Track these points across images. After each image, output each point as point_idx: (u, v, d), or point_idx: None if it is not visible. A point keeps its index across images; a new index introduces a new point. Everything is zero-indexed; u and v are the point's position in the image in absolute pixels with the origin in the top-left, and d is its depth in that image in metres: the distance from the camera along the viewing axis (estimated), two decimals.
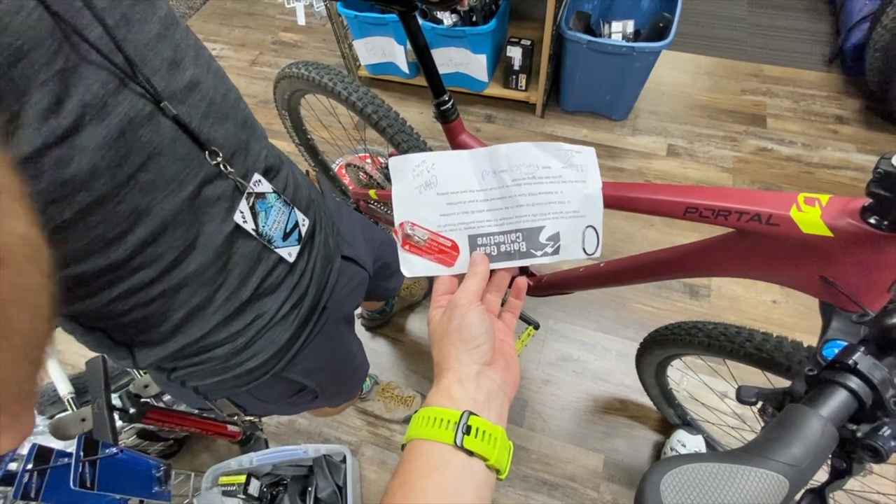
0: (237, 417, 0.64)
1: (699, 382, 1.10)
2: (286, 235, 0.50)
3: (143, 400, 0.90)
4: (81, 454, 0.69)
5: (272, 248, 0.49)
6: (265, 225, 0.47)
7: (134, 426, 1.03)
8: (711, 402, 1.11)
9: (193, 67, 0.40)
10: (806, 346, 0.60)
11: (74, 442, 0.71)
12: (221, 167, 0.42)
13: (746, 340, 0.65)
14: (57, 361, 0.88)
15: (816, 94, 1.77)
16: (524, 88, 1.75)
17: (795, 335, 0.62)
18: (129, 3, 0.35)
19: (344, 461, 1.10)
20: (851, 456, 0.31)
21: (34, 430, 1.02)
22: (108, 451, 0.73)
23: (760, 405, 0.39)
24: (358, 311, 1.35)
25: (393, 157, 0.43)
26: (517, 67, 1.68)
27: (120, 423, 0.85)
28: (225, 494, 1.04)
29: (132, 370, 1.01)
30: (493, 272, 0.43)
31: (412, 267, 0.43)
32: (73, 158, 0.32)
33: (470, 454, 0.32)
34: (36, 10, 0.28)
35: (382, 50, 1.79)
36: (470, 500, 0.31)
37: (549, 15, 1.44)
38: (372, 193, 1.14)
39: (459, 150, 0.43)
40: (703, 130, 1.73)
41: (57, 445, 0.73)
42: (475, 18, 1.60)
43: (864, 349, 0.32)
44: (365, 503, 1.16)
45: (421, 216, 0.42)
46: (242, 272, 0.47)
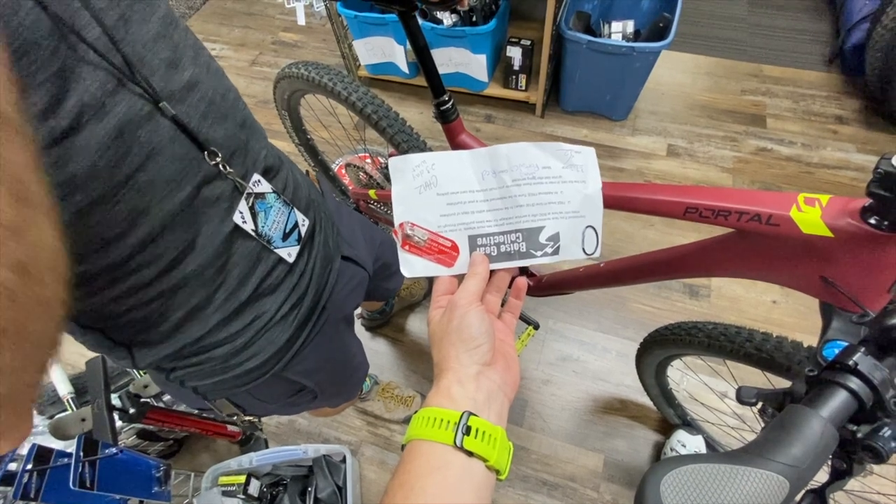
0: (236, 417, 0.64)
1: (699, 382, 1.10)
2: (286, 236, 0.50)
3: (142, 400, 0.90)
4: (81, 454, 0.69)
5: (272, 248, 0.49)
6: (264, 225, 0.47)
7: (134, 426, 1.03)
8: (711, 402, 1.11)
9: (192, 67, 0.40)
10: (806, 346, 0.60)
11: (74, 442, 0.71)
12: (220, 167, 0.42)
13: (746, 341, 0.65)
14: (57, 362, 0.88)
15: (816, 94, 1.77)
16: (524, 88, 1.75)
17: (795, 335, 0.62)
18: (127, 2, 0.35)
19: (344, 461, 1.10)
20: (852, 457, 0.31)
21: (34, 430, 1.03)
22: (107, 451, 0.73)
23: (760, 406, 0.39)
24: (358, 311, 1.35)
25: (393, 157, 0.43)
26: (517, 67, 1.68)
27: (120, 423, 0.85)
28: (225, 494, 1.04)
29: (132, 370, 1.01)
30: (492, 272, 0.43)
31: (412, 267, 0.43)
32: (71, 159, 0.32)
33: (470, 455, 0.32)
34: (33, 10, 0.28)
35: (382, 50, 1.79)
36: (470, 500, 0.31)
37: (548, 15, 1.43)
38: (372, 193, 1.14)
39: (459, 150, 0.43)
40: (702, 130, 1.73)
41: (57, 445, 0.73)
42: (475, 18, 1.59)
43: (864, 350, 0.32)
44: (365, 503, 1.17)
45: (421, 216, 0.42)
46: (242, 272, 0.47)
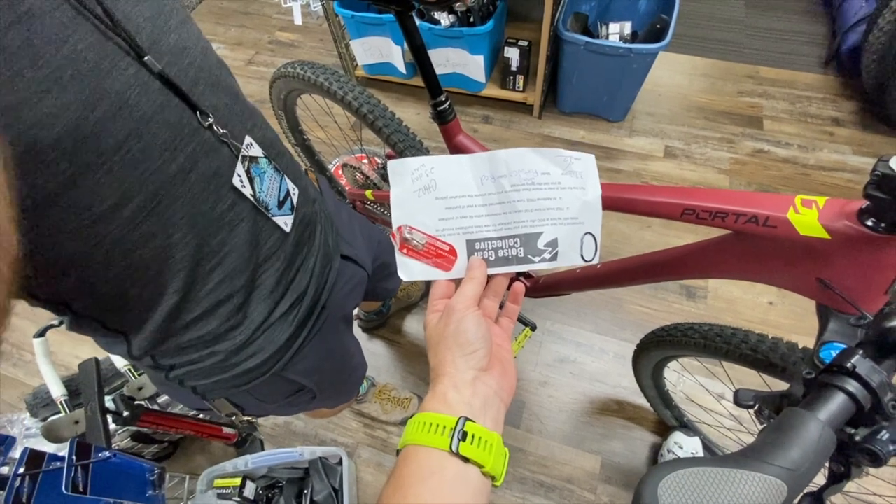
0: (235, 418, 0.64)
1: (696, 384, 1.10)
2: (280, 203, 0.50)
3: (137, 402, 0.89)
4: (74, 458, 0.68)
5: (269, 215, 0.48)
6: (261, 191, 0.46)
7: (128, 429, 1.03)
8: (708, 403, 1.11)
9: (180, 32, 0.39)
10: (801, 347, 0.60)
11: (67, 445, 0.70)
12: (214, 128, 0.41)
13: (742, 342, 0.65)
14: (50, 363, 0.87)
15: (813, 96, 1.78)
16: (521, 89, 1.75)
17: (792, 337, 0.62)
18: None
19: (340, 463, 1.10)
20: (850, 460, 0.31)
21: (26, 432, 1.01)
22: (100, 454, 0.72)
23: (757, 408, 0.39)
24: (355, 312, 1.34)
25: (392, 160, 0.42)
26: (514, 68, 1.68)
27: (113, 425, 0.84)
28: (220, 497, 1.03)
29: (126, 371, 1.00)
30: (490, 277, 0.43)
31: (410, 271, 0.42)
32: (55, 120, 0.30)
33: (465, 461, 0.31)
34: None
35: (379, 50, 1.79)
36: None
37: (546, 16, 1.44)
38: (368, 194, 1.14)
39: (458, 153, 0.43)
40: (699, 132, 1.73)
41: (49, 449, 0.72)
42: (472, 19, 1.59)
43: (862, 352, 0.31)
44: None
45: (419, 220, 0.42)
46: (241, 250, 0.46)
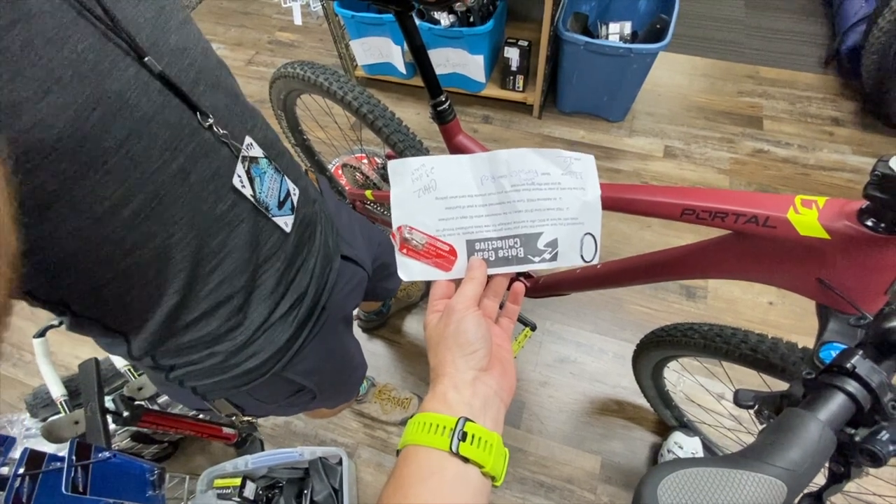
0: (234, 418, 0.64)
1: (696, 384, 1.10)
2: (280, 204, 0.49)
3: (137, 403, 0.89)
4: (74, 458, 0.68)
5: (269, 215, 0.48)
6: (261, 191, 0.46)
7: (128, 429, 1.03)
8: (708, 403, 1.11)
9: (180, 33, 0.39)
10: (801, 347, 0.60)
11: (67, 446, 0.70)
12: (214, 129, 0.41)
13: (741, 342, 0.65)
14: (50, 363, 0.87)
15: (812, 96, 1.78)
16: (521, 89, 1.75)
17: (792, 337, 0.62)
18: None
19: (340, 464, 1.10)
20: (850, 460, 0.31)
21: (27, 433, 1.01)
22: (100, 455, 0.72)
23: (757, 408, 0.38)
24: (355, 312, 1.34)
25: (392, 160, 0.42)
26: (514, 68, 1.68)
27: (113, 426, 0.84)
28: (220, 498, 1.03)
29: (127, 372, 1.00)
30: (490, 277, 0.42)
31: (409, 271, 0.42)
32: (55, 119, 0.30)
33: (465, 461, 0.31)
34: None
35: (379, 50, 1.79)
36: None
37: (546, 16, 1.44)
38: (368, 194, 1.14)
39: (458, 153, 0.43)
40: (699, 132, 1.73)
41: (49, 449, 0.72)
42: (472, 19, 1.59)
43: (862, 353, 0.31)
44: None
45: (419, 220, 0.42)
46: (241, 250, 0.46)
